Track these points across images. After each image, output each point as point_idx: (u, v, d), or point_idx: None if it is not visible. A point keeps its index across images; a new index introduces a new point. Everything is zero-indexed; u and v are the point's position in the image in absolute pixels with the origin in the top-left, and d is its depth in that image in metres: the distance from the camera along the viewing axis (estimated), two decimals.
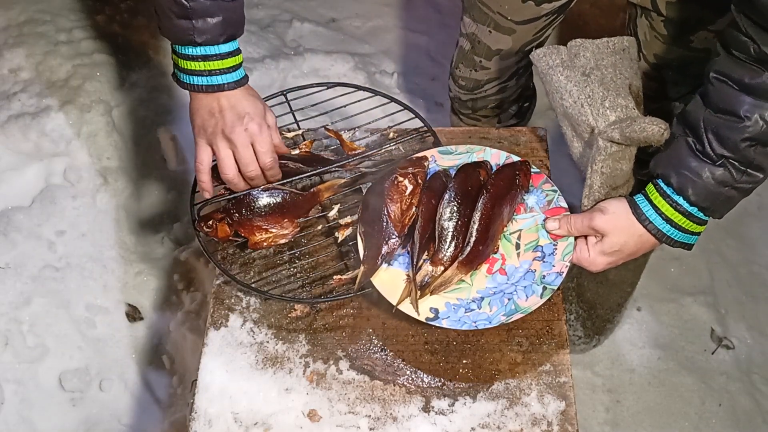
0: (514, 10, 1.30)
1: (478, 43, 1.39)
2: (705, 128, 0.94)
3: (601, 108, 1.06)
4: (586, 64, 1.08)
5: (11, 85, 2.01)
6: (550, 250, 1.08)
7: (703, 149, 0.94)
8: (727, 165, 0.94)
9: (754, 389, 1.81)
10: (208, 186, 1.10)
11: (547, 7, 1.29)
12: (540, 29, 1.34)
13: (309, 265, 1.16)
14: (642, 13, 1.25)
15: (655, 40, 1.26)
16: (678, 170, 0.97)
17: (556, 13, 1.32)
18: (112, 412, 1.69)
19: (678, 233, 1.00)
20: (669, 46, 1.25)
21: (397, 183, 1.10)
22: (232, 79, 1.04)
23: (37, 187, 1.91)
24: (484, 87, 1.48)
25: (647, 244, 1.03)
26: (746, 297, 1.96)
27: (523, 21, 1.31)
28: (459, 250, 1.05)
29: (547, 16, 1.31)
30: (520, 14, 1.30)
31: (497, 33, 1.34)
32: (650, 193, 1.00)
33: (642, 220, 1.00)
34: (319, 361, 1.07)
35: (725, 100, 0.91)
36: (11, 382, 1.65)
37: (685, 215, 0.98)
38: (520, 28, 1.32)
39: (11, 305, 1.72)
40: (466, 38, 1.41)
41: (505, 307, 1.03)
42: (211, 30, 0.99)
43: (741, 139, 0.91)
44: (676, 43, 1.24)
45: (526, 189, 1.13)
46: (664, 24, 1.22)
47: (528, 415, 1.02)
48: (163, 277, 1.87)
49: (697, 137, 0.95)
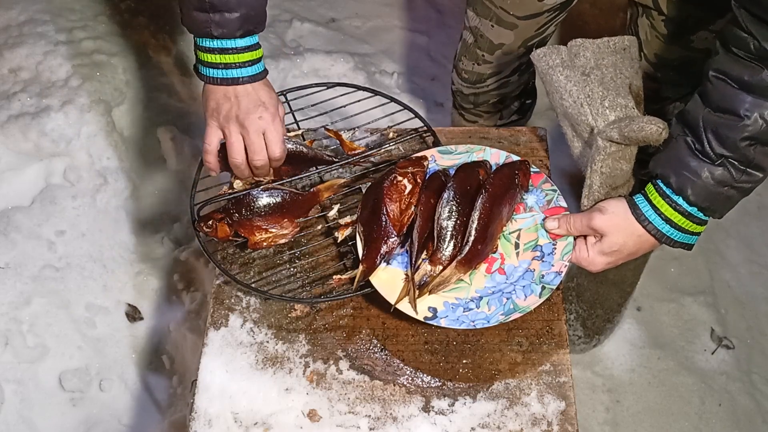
0: (516, 4, 1.30)
1: (481, 36, 1.40)
2: (704, 128, 0.93)
3: (601, 108, 1.06)
4: (586, 63, 1.08)
5: (11, 85, 2.01)
6: (549, 249, 1.08)
7: (703, 149, 0.94)
8: (727, 164, 0.93)
9: (754, 389, 1.81)
10: (215, 165, 1.11)
11: (549, 3, 1.29)
12: (542, 25, 1.34)
13: (309, 265, 1.16)
14: (643, 12, 1.25)
15: (656, 40, 1.26)
16: (677, 170, 0.96)
17: (558, 10, 1.32)
18: (112, 412, 1.69)
19: (678, 233, 1.00)
20: (669, 45, 1.25)
21: (396, 182, 1.10)
22: (248, 73, 1.05)
23: (37, 187, 1.91)
24: (487, 81, 1.49)
25: (646, 245, 1.02)
26: (746, 297, 1.96)
27: (525, 16, 1.32)
28: (458, 249, 1.05)
29: (548, 12, 1.32)
30: (522, 9, 1.31)
31: (499, 27, 1.35)
32: (649, 193, 1.00)
33: (641, 220, 1.00)
34: (319, 361, 1.07)
35: (724, 99, 0.91)
36: (11, 382, 1.65)
37: (685, 215, 0.98)
38: (522, 23, 1.33)
39: (11, 305, 1.72)
40: (469, 31, 1.42)
41: (503, 306, 1.03)
42: (228, 24, 1.00)
43: (740, 138, 0.91)
44: (676, 43, 1.24)
45: (525, 189, 1.13)
46: (665, 23, 1.22)
47: (528, 415, 1.02)
48: (163, 277, 1.87)
49: (697, 137, 0.94)
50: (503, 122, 1.64)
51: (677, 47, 1.24)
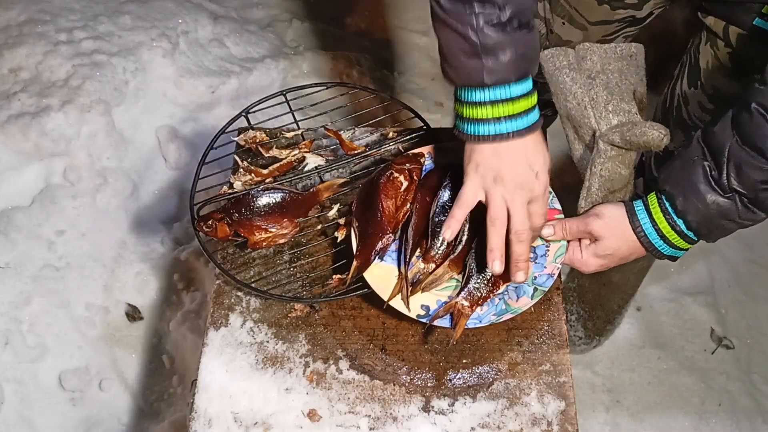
0: (589, 9, 1.29)
1: (551, 32, 1.39)
2: (728, 158, 0.90)
3: (604, 111, 1.06)
4: (593, 67, 1.09)
5: (11, 85, 2.01)
6: (543, 251, 1.08)
7: (719, 179, 0.91)
8: (736, 199, 0.92)
9: (754, 389, 1.82)
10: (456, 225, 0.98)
11: (621, 14, 1.28)
12: (611, 33, 1.33)
13: (309, 264, 1.16)
14: (707, 40, 1.20)
15: (716, 71, 1.20)
16: (686, 193, 0.94)
17: (629, 24, 1.30)
18: (112, 411, 1.70)
19: (668, 248, 1.00)
20: (729, 80, 1.19)
21: (392, 178, 1.09)
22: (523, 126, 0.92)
23: (37, 187, 1.91)
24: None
25: (640, 250, 1.02)
26: (746, 297, 1.97)
27: (596, 22, 1.31)
28: (451, 248, 1.05)
29: (619, 23, 1.30)
30: (595, 15, 1.30)
31: (570, 26, 1.34)
32: (651, 205, 1.00)
33: (637, 230, 1.00)
34: (319, 361, 1.07)
35: (758, 136, 0.87)
36: (11, 381, 1.65)
37: (680, 235, 0.98)
38: (592, 27, 1.32)
39: (11, 305, 1.73)
40: (543, 21, 1.40)
41: (495, 306, 1.03)
42: (502, 68, 0.88)
43: (760, 181, 0.89)
44: (736, 78, 1.18)
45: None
46: (730, 57, 1.16)
47: (528, 414, 1.02)
48: (163, 277, 1.87)
49: (717, 164, 0.92)
50: None
51: (737, 83, 1.18)
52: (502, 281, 1.02)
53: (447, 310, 1.01)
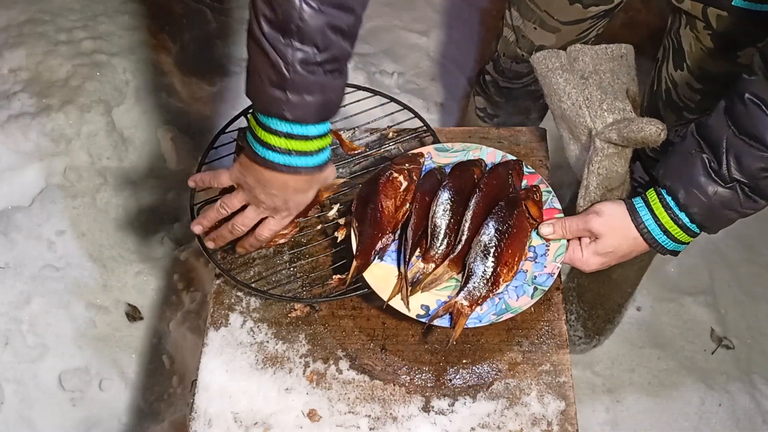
0: (561, 10, 1.31)
1: (523, 37, 1.40)
2: (727, 149, 0.91)
3: (599, 110, 1.06)
4: (585, 68, 1.09)
5: (11, 85, 2.01)
6: (542, 251, 1.08)
7: (719, 170, 0.92)
8: (737, 189, 0.92)
9: (754, 389, 1.82)
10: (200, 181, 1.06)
11: (593, 10, 1.29)
12: (584, 30, 1.35)
13: (309, 265, 1.16)
14: (687, 23, 1.21)
15: (700, 52, 1.21)
16: (687, 187, 0.95)
17: (603, 17, 1.32)
18: (112, 412, 1.70)
19: (671, 243, 1.00)
20: (714, 60, 1.20)
21: (392, 179, 1.09)
22: (312, 163, 0.93)
23: (37, 187, 1.91)
24: (523, 79, 1.52)
25: (640, 247, 1.03)
26: (746, 297, 1.97)
27: (568, 21, 1.32)
28: (450, 248, 1.05)
29: (592, 19, 1.32)
30: (567, 15, 1.31)
31: (542, 30, 1.36)
32: (652, 201, 1.00)
33: (640, 227, 1.00)
34: (319, 361, 1.07)
35: (755, 125, 0.88)
36: (11, 381, 1.65)
37: (683, 228, 0.98)
38: (565, 28, 1.33)
39: (11, 305, 1.72)
40: (511, 30, 1.43)
41: (495, 306, 1.03)
42: (305, 108, 0.87)
43: (760, 168, 0.89)
44: (722, 58, 1.19)
45: (518, 185, 1.13)
46: (711, 37, 1.18)
47: (528, 415, 1.02)
48: (163, 277, 1.87)
49: (716, 156, 0.92)
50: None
51: (723, 62, 1.19)
52: (502, 281, 1.02)
53: (447, 310, 1.01)
